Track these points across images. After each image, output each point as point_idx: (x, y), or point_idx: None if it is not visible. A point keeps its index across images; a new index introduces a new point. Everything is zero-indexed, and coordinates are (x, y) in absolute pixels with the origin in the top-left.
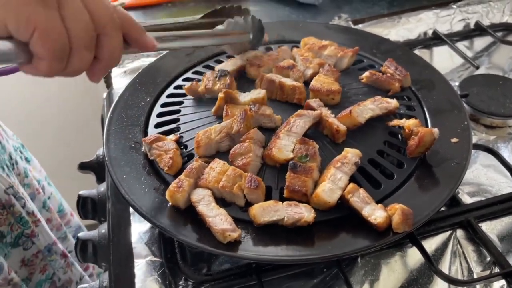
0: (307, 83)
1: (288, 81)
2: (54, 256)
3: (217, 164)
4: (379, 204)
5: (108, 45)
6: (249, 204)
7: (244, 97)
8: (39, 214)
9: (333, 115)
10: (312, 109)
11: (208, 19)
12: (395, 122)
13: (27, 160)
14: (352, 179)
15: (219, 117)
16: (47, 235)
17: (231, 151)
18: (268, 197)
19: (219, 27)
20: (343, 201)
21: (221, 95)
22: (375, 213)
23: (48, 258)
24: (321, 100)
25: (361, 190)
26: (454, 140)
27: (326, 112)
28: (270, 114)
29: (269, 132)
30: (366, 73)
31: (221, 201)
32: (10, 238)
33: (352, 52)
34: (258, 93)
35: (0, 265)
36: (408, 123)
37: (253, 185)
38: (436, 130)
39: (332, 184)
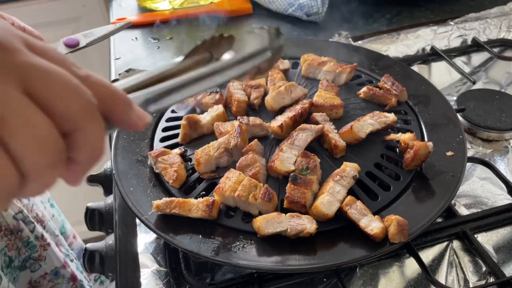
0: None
1: (238, 94)
2: (61, 279)
3: (233, 174)
4: (376, 216)
5: (85, 142)
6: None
7: (205, 117)
8: (49, 238)
9: (336, 130)
10: (317, 123)
11: (195, 57)
12: (392, 136)
13: None
14: (350, 191)
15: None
16: (56, 258)
17: (238, 163)
18: None
19: (226, 56)
20: (341, 213)
21: (183, 122)
22: (371, 224)
23: (55, 281)
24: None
25: (359, 202)
26: (449, 153)
27: (328, 126)
28: (260, 123)
29: (264, 140)
30: (364, 89)
31: (230, 210)
32: (18, 262)
33: (350, 68)
34: (216, 110)
35: None
36: (404, 137)
37: (267, 198)
38: (430, 144)
39: (331, 197)
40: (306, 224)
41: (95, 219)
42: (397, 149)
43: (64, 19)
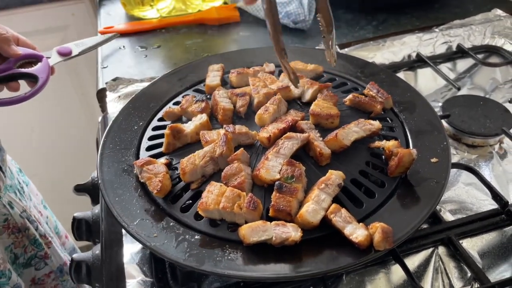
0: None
1: (223, 102)
2: (66, 276)
3: (214, 187)
4: (361, 223)
5: None
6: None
7: (189, 126)
8: (50, 236)
9: (321, 138)
10: (302, 131)
11: None
12: (377, 144)
13: (25, 184)
14: (335, 198)
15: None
16: (58, 256)
17: (223, 173)
18: None
19: None
20: (326, 221)
21: (166, 131)
22: (356, 232)
23: (60, 278)
24: (321, 124)
25: (343, 210)
26: (434, 160)
27: (313, 134)
28: (246, 131)
29: (250, 148)
30: (350, 96)
31: (213, 221)
32: (23, 259)
33: (319, 86)
34: (200, 118)
35: (18, 284)
36: (388, 144)
37: (252, 207)
38: (414, 151)
39: (316, 205)
40: (291, 232)
41: (82, 228)
42: (383, 156)
43: (53, 27)
